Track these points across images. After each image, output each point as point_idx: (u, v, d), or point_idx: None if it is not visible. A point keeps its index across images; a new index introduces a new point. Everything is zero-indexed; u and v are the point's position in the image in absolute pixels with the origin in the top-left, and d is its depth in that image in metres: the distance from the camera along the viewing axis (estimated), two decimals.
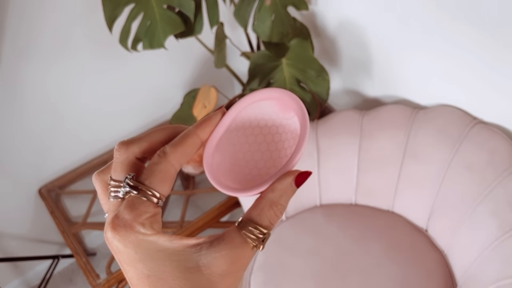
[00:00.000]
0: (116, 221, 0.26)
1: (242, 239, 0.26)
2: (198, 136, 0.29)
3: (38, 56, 1.21)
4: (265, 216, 0.27)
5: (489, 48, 0.91)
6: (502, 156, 0.93)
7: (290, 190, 0.28)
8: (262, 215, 0.27)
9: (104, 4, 1.05)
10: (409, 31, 1.06)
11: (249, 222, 0.26)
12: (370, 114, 1.13)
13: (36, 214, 1.45)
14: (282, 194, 0.27)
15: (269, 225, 0.27)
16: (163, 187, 0.27)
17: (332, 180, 1.14)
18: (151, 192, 0.26)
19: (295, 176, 0.28)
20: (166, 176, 0.27)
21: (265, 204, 0.27)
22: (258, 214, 0.27)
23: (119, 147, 0.28)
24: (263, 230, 0.26)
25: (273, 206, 0.27)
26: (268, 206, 0.27)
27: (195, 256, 0.25)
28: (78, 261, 1.25)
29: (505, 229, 0.86)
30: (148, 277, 0.25)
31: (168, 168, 0.27)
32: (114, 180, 0.28)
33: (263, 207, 0.27)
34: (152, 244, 0.25)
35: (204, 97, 1.30)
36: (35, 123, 1.31)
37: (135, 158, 0.28)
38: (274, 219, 0.27)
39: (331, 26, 1.26)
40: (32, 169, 1.38)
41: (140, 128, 1.56)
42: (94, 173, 0.29)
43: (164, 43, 1.08)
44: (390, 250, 1.02)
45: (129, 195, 0.26)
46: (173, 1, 1.08)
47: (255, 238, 0.26)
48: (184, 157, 0.28)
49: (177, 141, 0.28)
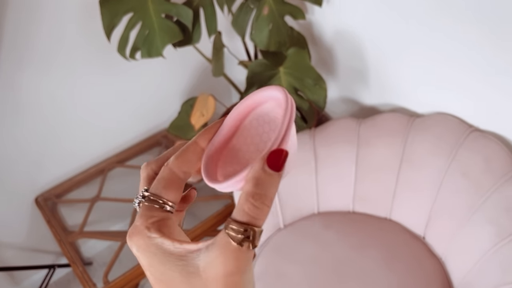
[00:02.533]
0: (131, 229, 0.28)
1: (228, 239, 0.25)
2: (197, 144, 0.31)
3: (35, 65, 1.21)
4: (242, 211, 0.25)
5: (485, 57, 0.92)
6: (498, 163, 0.93)
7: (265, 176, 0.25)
8: (240, 210, 0.25)
9: (102, 12, 1.06)
10: (405, 40, 1.07)
11: (230, 220, 0.25)
12: (367, 122, 1.13)
13: (33, 223, 1.44)
14: (256, 182, 0.25)
15: (251, 219, 0.25)
16: (168, 192, 0.29)
17: (330, 188, 1.14)
18: (156, 199, 0.29)
19: (264, 159, 0.26)
20: (169, 183, 0.29)
21: (241, 198, 0.25)
22: (236, 210, 0.25)
23: (143, 166, 0.32)
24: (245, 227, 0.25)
25: (249, 198, 0.25)
26: (244, 199, 0.25)
27: (196, 261, 0.26)
28: (75, 270, 1.24)
29: (502, 236, 0.86)
30: (161, 281, 0.26)
31: (170, 175, 0.29)
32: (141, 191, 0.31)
33: (240, 202, 0.25)
34: (159, 248, 0.27)
35: (202, 105, 1.30)
36: (31, 131, 1.31)
37: (154, 173, 0.31)
38: (255, 211, 0.25)
39: (328, 35, 1.27)
40: (28, 178, 1.38)
41: (137, 137, 1.57)
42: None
43: (162, 52, 1.08)
44: (388, 258, 1.02)
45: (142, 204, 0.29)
46: (171, 10, 1.09)
47: (241, 236, 0.25)
48: (185, 163, 0.30)
49: (179, 152, 0.30)
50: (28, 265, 1.43)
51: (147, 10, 1.08)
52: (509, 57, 0.88)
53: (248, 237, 0.25)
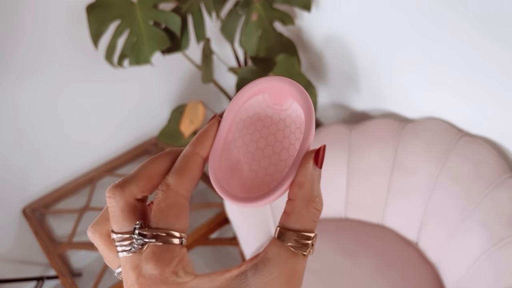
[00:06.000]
0: (143, 282, 0.22)
1: (291, 252, 0.23)
2: (198, 155, 0.25)
3: (21, 73, 1.19)
4: (306, 219, 0.23)
5: (476, 61, 0.93)
6: (488, 168, 0.93)
7: (316, 175, 0.24)
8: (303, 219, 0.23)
9: (89, 20, 1.05)
10: (394, 44, 1.07)
11: (291, 231, 0.23)
12: (358, 128, 1.13)
13: (20, 234, 1.41)
14: (312, 184, 0.24)
15: (313, 225, 0.23)
16: (181, 222, 0.23)
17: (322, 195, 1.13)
18: (170, 234, 0.23)
19: (312, 157, 0.24)
20: (179, 210, 0.23)
21: (300, 205, 0.24)
22: (297, 219, 0.23)
23: (112, 193, 0.24)
24: (310, 235, 0.23)
25: (311, 203, 0.24)
26: (305, 206, 0.23)
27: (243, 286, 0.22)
28: (64, 282, 1.22)
29: (494, 241, 0.86)
30: None
31: (179, 201, 0.23)
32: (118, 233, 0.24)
33: (300, 209, 0.23)
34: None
35: (191, 112, 1.29)
36: (17, 141, 1.28)
37: (135, 200, 0.24)
38: (316, 216, 0.24)
39: (318, 41, 1.27)
40: (15, 188, 1.35)
41: (127, 145, 1.55)
42: (89, 227, 0.26)
43: (150, 59, 1.07)
44: (381, 264, 1.01)
45: (147, 246, 0.22)
46: (159, 17, 1.08)
47: (303, 245, 0.23)
48: (191, 182, 0.24)
49: (178, 167, 0.24)
50: (16, 277, 1.40)
51: (134, 17, 1.07)
52: (498, 61, 0.88)
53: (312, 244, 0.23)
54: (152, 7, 1.07)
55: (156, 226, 0.23)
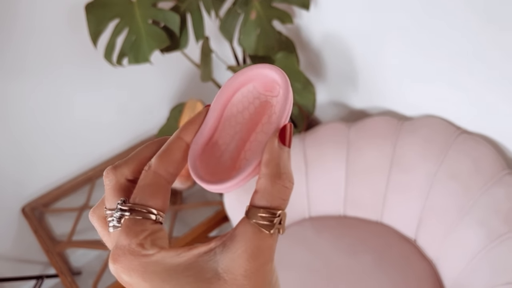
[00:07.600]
0: (115, 251, 0.23)
1: (256, 228, 0.23)
2: (181, 139, 0.27)
3: (21, 71, 1.19)
4: (273, 196, 0.24)
5: (474, 56, 0.93)
6: (486, 165, 0.94)
7: (283, 153, 0.24)
8: (268, 195, 0.23)
9: (88, 19, 1.05)
10: (392, 43, 1.08)
11: (257, 208, 0.23)
12: (357, 126, 1.13)
13: (19, 233, 1.41)
14: (278, 161, 0.24)
15: (281, 202, 0.24)
16: (156, 200, 0.24)
17: (321, 192, 1.14)
18: (145, 209, 0.24)
19: (277, 135, 0.25)
20: (156, 189, 0.25)
21: (266, 181, 0.24)
22: (262, 196, 0.24)
23: (107, 172, 0.26)
24: (275, 212, 0.23)
25: (277, 180, 0.24)
26: (271, 183, 0.24)
27: (211, 263, 0.23)
28: (63, 281, 1.22)
29: (492, 238, 0.86)
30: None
31: (156, 180, 0.25)
32: (109, 210, 0.26)
33: (266, 186, 0.24)
34: (159, 265, 0.23)
35: (190, 111, 1.29)
36: (17, 140, 1.28)
37: (126, 180, 0.26)
38: (284, 193, 0.24)
39: (316, 39, 1.27)
40: (14, 187, 1.35)
41: (126, 143, 1.55)
42: (90, 211, 0.28)
43: (149, 57, 1.07)
44: (380, 261, 1.02)
45: (124, 219, 0.24)
46: (158, 16, 1.08)
47: (270, 223, 0.23)
48: (171, 164, 0.25)
49: (161, 150, 0.26)
50: (15, 276, 1.40)
51: (133, 16, 1.07)
52: (497, 56, 0.89)
53: (280, 222, 0.23)
54: (151, 5, 1.07)
55: (133, 202, 0.24)
